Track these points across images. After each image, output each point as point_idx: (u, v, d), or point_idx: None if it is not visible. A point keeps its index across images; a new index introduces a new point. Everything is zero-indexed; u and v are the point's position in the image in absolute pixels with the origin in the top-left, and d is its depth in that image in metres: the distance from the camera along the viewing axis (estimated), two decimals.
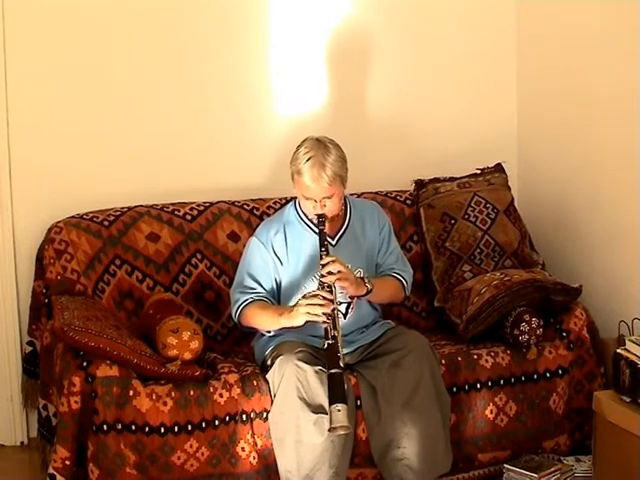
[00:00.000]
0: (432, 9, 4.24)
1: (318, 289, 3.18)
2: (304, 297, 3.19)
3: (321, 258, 3.21)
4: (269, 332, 3.32)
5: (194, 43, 3.96)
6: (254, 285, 3.35)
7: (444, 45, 4.27)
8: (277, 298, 3.40)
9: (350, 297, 3.34)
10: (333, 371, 3.01)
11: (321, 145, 3.26)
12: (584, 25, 3.89)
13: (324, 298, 3.13)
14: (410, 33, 4.24)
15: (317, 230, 3.27)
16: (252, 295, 3.32)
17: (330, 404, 2.95)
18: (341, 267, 3.20)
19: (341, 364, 3.05)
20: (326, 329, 3.10)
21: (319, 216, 3.27)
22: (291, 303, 3.31)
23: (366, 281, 3.32)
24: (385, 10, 4.19)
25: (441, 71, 4.29)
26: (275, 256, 3.37)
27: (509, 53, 4.37)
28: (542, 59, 4.21)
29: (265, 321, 3.29)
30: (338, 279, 3.18)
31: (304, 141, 3.30)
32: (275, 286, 3.39)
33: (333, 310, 3.12)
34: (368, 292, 3.31)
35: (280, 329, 3.28)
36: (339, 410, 2.91)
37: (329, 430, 2.95)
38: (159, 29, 3.91)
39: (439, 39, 4.27)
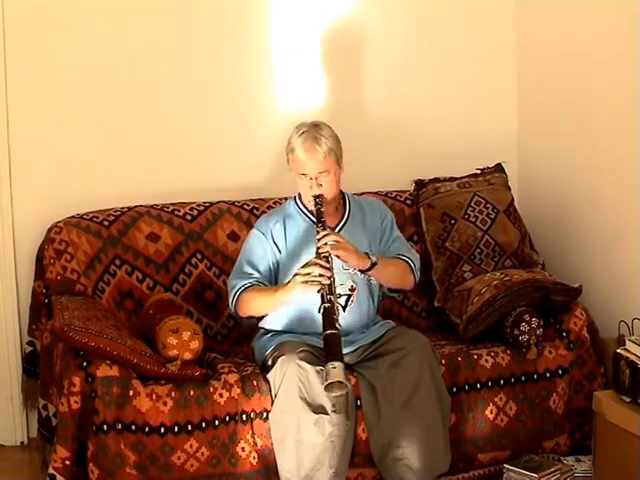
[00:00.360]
0: (432, 9, 4.24)
1: (315, 259, 3.16)
2: (301, 268, 3.16)
3: (317, 233, 3.19)
4: (262, 318, 3.32)
5: (194, 43, 3.96)
6: (251, 271, 3.33)
7: (444, 45, 4.27)
8: (274, 284, 3.37)
9: (353, 285, 3.31)
10: (329, 332, 3.00)
11: (313, 125, 3.31)
12: (584, 26, 3.88)
13: (321, 266, 3.10)
14: (410, 33, 4.24)
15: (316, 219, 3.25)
16: (249, 280, 3.31)
17: (326, 362, 2.93)
18: (337, 237, 3.18)
19: (337, 326, 3.02)
20: (322, 294, 3.08)
21: (316, 197, 3.26)
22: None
23: (370, 254, 3.28)
24: (385, 10, 4.19)
25: (441, 71, 4.29)
26: (274, 244, 3.37)
27: (509, 53, 4.37)
28: (542, 59, 4.21)
29: (262, 302, 3.28)
30: (334, 248, 3.15)
31: (296, 125, 3.34)
32: (273, 273, 3.37)
33: (330, 277, 3.09)
34: (373, 265, 3.26)
35: (282, 329, 3.30)
36: (334, 367, 2.90)
37: (325, 389, 2.93)
38: (159, 29, 3.91)
39: (439, 39, 4.27)
